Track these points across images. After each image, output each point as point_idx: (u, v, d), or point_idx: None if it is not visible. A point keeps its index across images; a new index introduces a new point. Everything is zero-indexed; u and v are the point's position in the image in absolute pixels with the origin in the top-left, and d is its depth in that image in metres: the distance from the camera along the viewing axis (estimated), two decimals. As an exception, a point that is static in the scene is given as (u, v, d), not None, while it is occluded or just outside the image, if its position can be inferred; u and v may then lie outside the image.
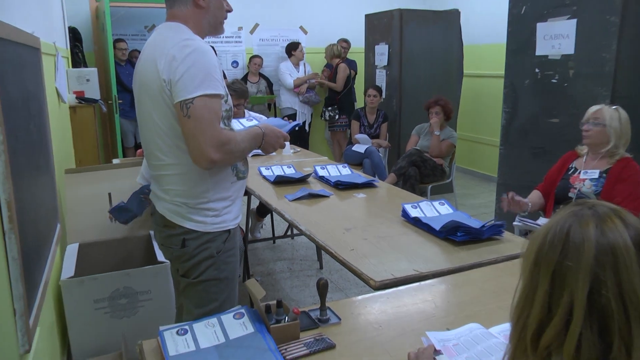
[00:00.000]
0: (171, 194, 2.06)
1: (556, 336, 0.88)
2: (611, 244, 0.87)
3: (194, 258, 2.06)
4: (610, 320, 0.85)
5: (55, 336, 2.86)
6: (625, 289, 0.85)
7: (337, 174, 3.70)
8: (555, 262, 0.89)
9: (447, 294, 1.96)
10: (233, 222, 2.13)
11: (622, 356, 0.84)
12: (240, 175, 2.14)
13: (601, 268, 0.85)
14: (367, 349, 1.60)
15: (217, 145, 1.88)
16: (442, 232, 2.46)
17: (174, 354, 1.53)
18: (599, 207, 0.93)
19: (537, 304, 0.91)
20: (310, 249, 4.93)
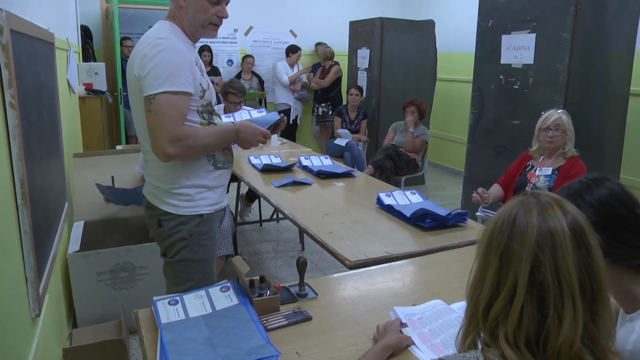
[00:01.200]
0: (150, 177, 2.04)
1: (502, 310, 0.90)
2: (550, 229, 0.89)
3: (169, 238, 2.02)
4: (547, 295, 0.87)
5: (62, 305, 2.86)
6: (561, 268, 0.88)
7: (320, 164, 3.69)
8: (504, 245, 0.92)
9: (414, 273, 1.97)
10: (208, 208, 2.05)
11: (555, 325, 0.87)
12: (219, 165, 2.06)
13: (541, 250, 0.88)
14: (340, 321, 1.60)
15: (173, 141, 1.83)
16: (412, 218, 2.47)
17: (165, 322, 1.52)
18: (542, 196, 0.95)
19: (488, 282, 0.93)
20: (293, 231, 4.92)
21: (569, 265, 0.88)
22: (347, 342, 1.47)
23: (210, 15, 1.96)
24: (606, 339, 0.90)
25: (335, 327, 1.56)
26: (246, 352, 1.30)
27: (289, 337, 1.49)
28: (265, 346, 1.34)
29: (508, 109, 4.48)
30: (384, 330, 1.46)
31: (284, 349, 1.43)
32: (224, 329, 1.45)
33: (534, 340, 0.88)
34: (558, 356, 0.86)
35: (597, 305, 0.90)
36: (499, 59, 4.47)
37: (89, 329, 2.92)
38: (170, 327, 1.48)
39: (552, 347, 0.86)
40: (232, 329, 1.45)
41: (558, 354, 0.86)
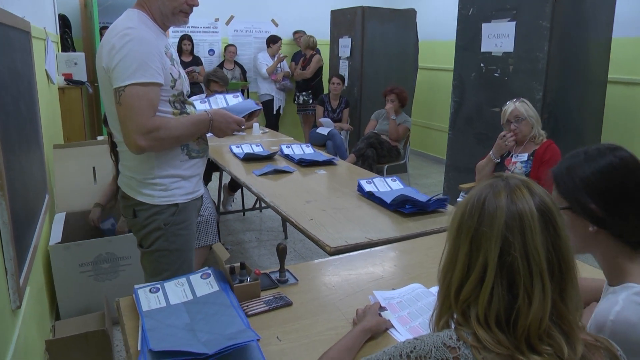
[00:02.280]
0: (124, 168, 2.02)
1: (473, 291, 0.92)
2: (519, 211, 0.91)
3: (145, 228, 2.01)
4: (517, 275, 0.89)
5: (44, 296, 2.84)
6: (529, 249, 0.90)
7: (301, 153, 3.70)
8: (473, 228, 0.93)
9: (394, 259, 1.99)
10: (183, 197, 2.03)
11: (525, 305, 0.89)
12: (193, 155, 2.04)
13: (510, 232, 0.90)
14: (321, 306, 1.61)
15: (144, 133, 1.81)
16: (392, 204, 2.49)
17: (146, 309, 1.52)
18: (511, 179, 0.96)
19: (459, 265, 0.95)
20: (276, 220, 4.93)
21: (537, 246, 0.89)
22: (327, 327, 1.49)
23: (181, 3, 1.93)
24: (573, 315, 0.93)
25: (315, 312, 1.57)
26: (226, 337, 1.31)
27: (270, 322, 1.51)
28: (245, 331, 1.35)
29: (489, 96, 4.52)
30: (363, 314, 1.47)
31: (264, 333, 1.44)
32: (204, 315, 1.46)
33: (504, 319, 0.90)
34: (528, 333, 0.89)
35: (565, 283, 0.92)
36: (480, 47, 4.50)
37: (72, 320, 2.90)
38: (151, 315, 1.49)
39: (522, 325, 0.88)
40: (212, 314, 1.46)
41: (528, 332, 0.88)
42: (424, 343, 0.93)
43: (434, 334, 0.95)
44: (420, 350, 0.92)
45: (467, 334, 0.91)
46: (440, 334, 0.94)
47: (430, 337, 0.94)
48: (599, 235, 1.21)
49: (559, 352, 0.89)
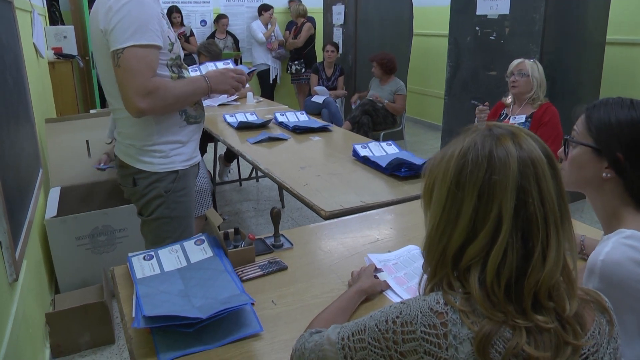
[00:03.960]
0: (122, 136, 1.99)
1: (480, 250, 0.86)
2: (530, 157, 0.86)
3: (145, 197, 1.99)
4: (534, 227, 0.85)
5: (42, 271, 2.84)
6: (545, 196, 0.85)
7: (295, 120, 3.66)
8: (482, 178, 0.86)
9: (390, 222, 1.97)
10: (183, 164, 2.02)
11: (540, 259, 0.84)
12: (191, 120, 2.02)
13: (525, 179, 0.85)
14: (316, 269, 1.60)
15: (144, 95, 1.77)
16: (387, 168, 2.46)
17: (140, 277, 1.51)
18: (495, 128, 0.91)
19: (462, 223, 0.88)
20: (273, 190, 4.91)
21: (551, 192, 0.85)
22: (322, 290, 1.48)
23: None
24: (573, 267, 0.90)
25: (310, 275, 1.56)
26: (220, 302, 1.30)
27: (265, 287, 1.49)
28: (239, 295, 1.33)
29: (485, 60, 4.46)
30: (358, 276, 1.46)
31: (259, 298, 1.43)
32: (198, 281, 1.45)
33: (514, 278, 0.84)
34: (538, 291, 0.84)
35: (568, 233, 0.89)
36: (475, 10, 4.43)
37: (72, 293, 2.91)
38: (145, 282, 1.47)
39: (533, 282, 0.84)
40: (206, 280, 1.45)
41: (539, 288, 0.84)
42: (410, 308, 0.88)
43: (421, 297, 0.90)
44: (406, 315, 0.87)
45: (454, 298, 0.86)
46: (426, 298, 0.89)
47: (416, 302, 0.89)
48: (608, 183, 1.19)
49: (560, 310, 0.85)
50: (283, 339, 1.25)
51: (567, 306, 0.86)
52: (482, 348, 0.82)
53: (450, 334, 0.84)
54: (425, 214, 0.97)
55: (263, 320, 1.32)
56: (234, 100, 4.70)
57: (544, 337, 0.83)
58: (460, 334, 0.84)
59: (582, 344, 0.86)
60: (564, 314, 0.85)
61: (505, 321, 0.83)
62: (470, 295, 0.86)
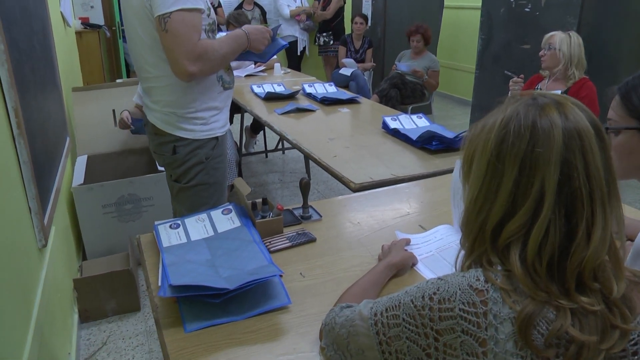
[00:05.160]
0: (161, 104, 1.97)
1: (521, 227, 0.81)
2: (576, 128, 0.79)
3: (185, 164, 2.00)
4: (578, 202, 0.79)
5: (70, 237, 2.87)
6: (591, 170, 0.79)
7: (324, 91, 3.60)
8: (524, 150, 0.80)
9: (420, 195, 1.91)
10: (221, 130, 2.05)
11: (584, 237, 0.78)
12: (226, 86, 2.04)
13: (570, 152, 0.78)
14: (345, 242, 1.56)
15: (194, 58, 1.78)
16: (418, 141, 2.40)
17: (167, 245, 1.48)
18: (539, 97, 0.84)
19: (501, 198, 0.82)
20: (299, 162, 4.87)
21: (598, 166, 0.79)
22: (351, 263, 1.44)
23: None
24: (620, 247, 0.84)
25: (339, 248, 1.52)
26: (248, 272, 1.27)
27: (293, 259, 1.46)
28: (267, 266, 1.30)
29: (518, 33, 4.32)
30: (388, 250, 1.41)
31: (287, 270, 1.40)
32: (225, 251, 1.42)
33: (557, 256, 0.79)
34: (582, 271, 0.79)
35: (617, 210, 0.82)
36: (510, -20, 4.28)
37: (98, 260, 2.93)
38: (172, 250, 1.45)
39: (577, 261, 0.78)
40: (234, 250, 1.41)
41: (583, 268, 0.78)
42: (448, 284, 0.83)
43: (459, 274, 0.85)
44: (444, 292, 0.83)
45: (495, 276, 0.81)
46: (466, 274, 0.84)
47: (455, 278, 0.84)
48: None
49: (607, 291, 0.79)
50: (311, 312, 1.22)
51: (615, 288, 0.80)
52: (525, 329, 0.77)
53: (491, 313, 0.79)
54: (464, 186, 0.91)
55: (291, 293, 1.28)
56: (261, 72, 4.64)
57: (589, 320, 0.78)
58: (501, 314, 0.79)
59: (632, 328, 0.80)
60: (610, 296, 0.79)
61: (549, 301, 0.78)
62: (512, 273, 0.81)
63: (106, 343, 2.51)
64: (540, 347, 0.77)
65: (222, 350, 1.11)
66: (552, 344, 0.77)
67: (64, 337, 2.25)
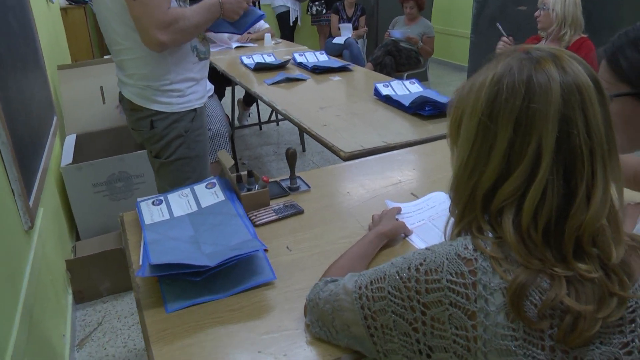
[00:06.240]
0: (134, 78, 1.89)
1: (516, 190, 0.74)
2: (575, 82, 0.73)
3: (164, 139, 1.94)
4: (578, 161, 0.72)
5: (62, 218, 2.82)
6: (592, 127, 0.72)
7: (315, 60, 3.51)
8: (519, 107, 0.73)
9: (413, 162, 1.84)
10: (199, 102, 1.98)
11: (584, 199, 0.73)
12: (201, 56, 1.96)
13: (569, 107, 0.72)
14: (334, 213, 1.49)
15: (164, 27, 1.70)
16: (411, 107, 2.32)
17: (149, 223, 1.43)
18: (534, 51, 0.77)
19: (496, 158, 0.76)
20: (294, 133, 4.78)
21: (599, 122, 0.72)
22: (340, 234, 1.38)
23: None
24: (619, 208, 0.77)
25: (328, 219, 1.46)
26: (231, 248, 1.21)
27: (279, 232, 1.40)
28: (250, 241, 1.24)
29: (513, -7, 4.20)
30: (379, 219, 1.35)
31: (273, 243, 1.34)
32: (209, 226, 1.36)
33: (554, 220, 0.73)
34: (580, 235, 0.73)
35: (618, 169, 0.76)
36: (504, -62, 4.14)
37: (91, 240, 2.88)
38: (154, 228, 1.39)
39: (576, 223, 0.72)
40: (217, 225, 1.35)
41: (582, 233, 0.72)
42: (435, 254, 0.77)
43: (447, 243, 0.79)
44: (431, 262, 0.77)
45: (485, 243, 0.75)
46: (453, 243, 0.78)
47: (442, 247, 0.78)
48: None
49: (605, 257, 0.73)
50: (297, 288, 1.16)
51: (613, 253, 0.73)
52: (516, 300, 0.71)
53: (480, 284, 0.73)
54: (452, 152, 0.84)
55: (277, 268, 1.23)
56: (252, 42, 4.53)
57: (586, 287, 0.72)
58: (491, 284, 0.73)
59: (630, 295, 0.74)
60: (609, 262, 0.73)
61: (543, 270, 0.72)
62: (503, 241, 0.75)
63: (102, 323, 2.48)
64: (534, 319, 0.71)
65: (203, 330, 1.06)
66: (546, 315, 0.72)
67: (58, 318, 2.21)
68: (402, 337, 0.80)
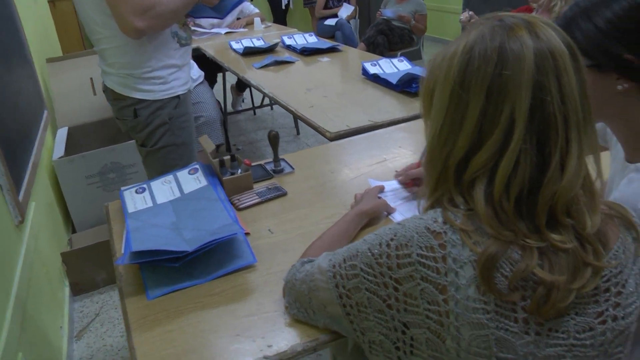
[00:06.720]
0: (116, 67, 1.86)
1: (489, 159, 0.73)
2: (550, 48, 0.70)
3: (148, 127, 1.91)
4: (552, 129, 0.71)
5: (56, 212, 2.81)
6: (566, 93, 0.70)
7: (304, 42, 3.47)
8: (491, 74, 0.71)
9: (399, 140, 1.82)
10: (182, 88, 1.95)
11: (557, 168, 0.71)
12: (182, 42, 1.92)
13: (543, 74, 0.70)
14: (317, 194, 1.48)
15: (140, 13, 1.66)
16: (398, 85, 2.30)
17: (132, 211, 1.42)
18: (507, 18, 0.75)
19: (467, 129, 0.74)
20: (288, 117, 4.75)
21: (573, 89, 0.71)
22: (323, 215, 1.36)
23: None
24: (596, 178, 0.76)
25: (311, 201, 1.44)
26: (210, 232, 1.19)
27: (262, 215, 1.39)
28: (230, 225, 1.22)
29: (505, -34, 4.14)
30: (361, 198, 1.33)
31: (255, 226, 1.33)
32: (190, 212, 1.34)
33: (527, 191, 0.72)
34: (554, 205, 0.71)
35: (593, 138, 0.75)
36: None
37: (87, 232, 2.88)
38: (136, 216, 1.38)
39: (549, 193, 0.71)
40: (199, 210, 1.34)
41: (555, 201, 0.71)
42: (405, 229, 0.76)
43: (417, 217, 0.78)
44: (401, 237, 0.75)
45: (455, 216, 0.74)
46: (424, 216, 0.76)
47: (412, 222, 0.76)
48: (627, 95, 0.94)
49: (580, 227, 0.72)
50: (278, 270, 1.15)
51: (588, 222, 0.72)
52: (486, 272, 0.70)
53: (450, 257, 0.72)
54: (426, 123, 0.83)
55: (259, 251, 1.22)
56: (242, 27, 4.49)
57: (559, 258, 0.70)
58: (460, 257, 0.71)
59: (604, 265, 0.73)
60: (583, 232, 0.72)
61: (514, 241, 0.71)
62: (475, 212, 0.73)
63: (99, 314, 2.48)
64: (504, 291, 0.70)
65: (184, 316, 1.05)
66: (518, 286, 0.70)
67: (55, 311, 2.21)
68: (377, 314, 0.79)
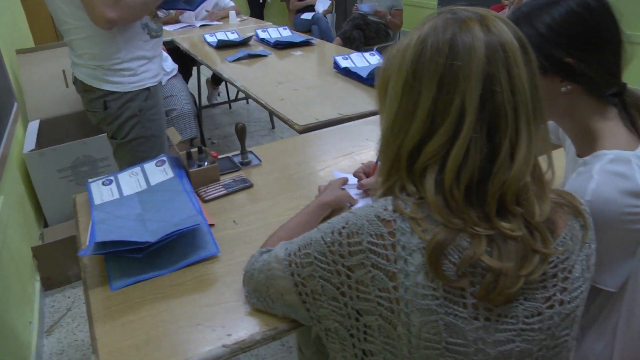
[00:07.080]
0: (85, 58, 1.85)
1: (440, 148, 0.74)
2: (500, 41, 0.73)
3: (118, 119, 1.91)
4: (501, 119, 0.73)
5: (27, 205, 2.78)
6: (516, 84, 0.73)
7: (278, 36, 3.47)
8: (443, 65, 0.73)
9: (366, 133, 1.84)
10: (152, 80, 1.94)
11: (507, 158, 0.73)
12: (153, 34, 1.92)
13: (493, 65, 0.72)
14: (283, 186, 1.49)
15: (111, 3, 1.66)
16: (369, 78, 2.32)
17: (99, 203, 1.41)
18: (460, 11, 0.77)
19: (419, 118, 0.76)
20: (263, 111, 4.74)
21: (523, 81, 0.73)
22: (287, 207, 1.38)
23: None
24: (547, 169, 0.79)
25: (276, 192, 1.46)
26: (173, 224, 1.20)
27: (227, 206, 1.40)
28: (193, 216, 1.23)
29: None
30: (324, 190, 1.35)
31: (220, 218, 1.34)
32: (155, 204, 1.35)
33: (476, 179, 0.73)
34: (504, 194, 0.73)
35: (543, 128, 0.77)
36: None
37: (59, 226, 2.85)
38: (102, 208, 1.38)
39: (499, 181, 0.73)
40: (164, 202, 1.35)
41: (505, 190, 0.73)
42: (356, 217, 0.78)
43: (369, 205, 0.79)
44: (352, 225, 0.77)
45: (405, 204, 0.75)
46: (375, 205, 0.78)
47: (363, 210, 0.78)
48: (571, 96, 0.98)
49: (529, 215, 0.74)
50: (240, 260, 1.16)
51: (537, 211, 0.74)
52: (434, 259, 0.72)
53: (399, 245, 0.74)
54: (381, 114, 0.84)
55: (222, 242, 1.23)
56: (217, 20, 4.47)
57: (509, 245, 0.73)
58: (409, 244, 0.73)
59: (551, 252, 0.75)
60: (532, 220, 0.74)
61: (464, 229, 0.73)
62: (425, 201, 0.75)
63: (71, 309, 2.46)
64: (453, 278, 0.72)
65: (146, 306, 1.06)
66: (466, 273, 0.72)
67: (24, 306, 2.19)
68: (332, 302, 0.81)
